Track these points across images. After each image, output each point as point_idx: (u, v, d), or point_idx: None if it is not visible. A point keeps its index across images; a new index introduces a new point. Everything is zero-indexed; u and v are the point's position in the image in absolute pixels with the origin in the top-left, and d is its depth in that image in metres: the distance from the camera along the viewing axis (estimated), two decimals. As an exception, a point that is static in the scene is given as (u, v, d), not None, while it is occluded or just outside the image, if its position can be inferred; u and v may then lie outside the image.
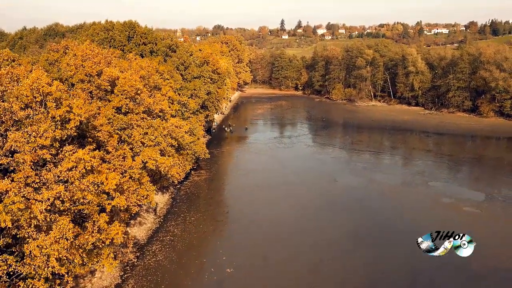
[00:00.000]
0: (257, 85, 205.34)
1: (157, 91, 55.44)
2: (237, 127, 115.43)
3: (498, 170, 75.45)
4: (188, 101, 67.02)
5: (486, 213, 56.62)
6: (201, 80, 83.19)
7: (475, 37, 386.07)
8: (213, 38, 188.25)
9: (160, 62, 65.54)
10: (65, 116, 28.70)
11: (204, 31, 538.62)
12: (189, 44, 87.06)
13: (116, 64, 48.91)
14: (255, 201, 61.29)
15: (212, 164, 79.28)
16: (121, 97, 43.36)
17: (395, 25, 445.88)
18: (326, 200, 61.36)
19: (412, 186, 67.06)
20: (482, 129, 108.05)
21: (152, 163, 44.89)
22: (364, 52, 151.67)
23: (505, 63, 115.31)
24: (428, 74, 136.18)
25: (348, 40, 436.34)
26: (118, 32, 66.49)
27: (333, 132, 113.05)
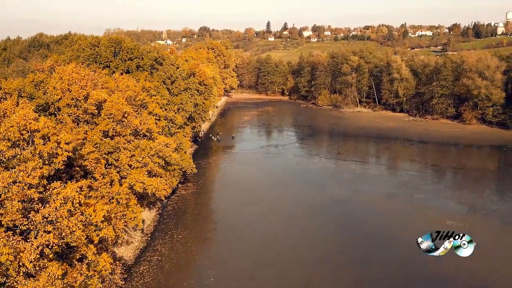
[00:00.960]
0: (244, 90, 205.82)
1: (144, 109, 55.59)
2: (224, 135, 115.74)
3: (479, 182, 76.93)
4: (175, 117, 67.17)
5: (468, 227, 57.68)
6: (188, 92, 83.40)
7: (458, 40, 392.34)
8: (200, 44, 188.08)
9: (146, 77, 65.57)
10: (52, 152, 28.80)
11: (190, 33, 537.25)
12: (176, 56, 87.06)
13: (103, 85, 48.90)
14: (242, 217, 61.70)
15: (199, 176, 79.37)
16: (108, 121, 43.43)
17: (380, 27, 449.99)
18: (313, 214, 62.01)
19: (397, 198, 68.08)
20: (465, 137, 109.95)
21: (140, 186, 45.07)
22: (350, 58, 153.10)
23: (487, 71, 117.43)
24: (412, 81, 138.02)
25: (334, 42, 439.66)
26: (104, 48, 66.32)
27: (319, 141, 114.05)
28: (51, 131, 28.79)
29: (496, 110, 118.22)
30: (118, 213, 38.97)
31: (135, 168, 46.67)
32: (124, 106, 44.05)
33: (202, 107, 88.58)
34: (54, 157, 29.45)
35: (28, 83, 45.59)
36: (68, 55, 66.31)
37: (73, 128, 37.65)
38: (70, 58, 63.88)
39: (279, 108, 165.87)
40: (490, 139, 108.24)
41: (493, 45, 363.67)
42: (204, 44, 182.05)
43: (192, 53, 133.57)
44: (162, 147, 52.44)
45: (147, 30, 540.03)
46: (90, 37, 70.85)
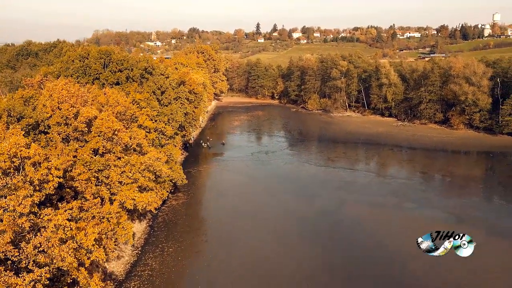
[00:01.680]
0: (234, 93, 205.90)
1: (134, 122, 55.63)
2: (214, 142, 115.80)
3: (467, 190, 78.09)
4: (165, 128, 67.23)
5: (456, 237, 58.59)
6: (178, 101, 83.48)
7: (446, 42, 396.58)
8: (189, 48, 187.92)
9: (136, 89, 65.54)
10: (43, 178, 28.86)
11: (179, 34, 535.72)
12: (166, 65, 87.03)
13: (93, 100, 48.87)
14: (232, 229, 61.96)
15: (189, 186, 79.33)
16: (98, 139, 43.45)
17: (369, 29, 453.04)
18: (303, 228, 62.39)
19: (385, 209, 68.76)
20: (452, 143, 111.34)
21: (130, 203, 45.15)
22: (339, 63, 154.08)
23: (474, 77, 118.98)
24: (401, 86, 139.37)
25: (323, 44, 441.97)
26: (93, 60, 66.14)
27: (309, 147, 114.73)
28: (42, 158, 28.82)
29: (483, 115, 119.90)
30: (109, 232, 39.01)
31: (125, 184, 46.72)
32: (115, 123, 44.10)
33: (193, 115, 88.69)
34: (45, 183, 29.46)
35: (17, 100, 45.41)
36: (57, 66, 66.02)
37: (63, 149, 37.56)
38: (59, 70, 63.62)
39: (269, 112, 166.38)
40: (477, 144, 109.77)
41: (480, 47, 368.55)
42: (194, 48, 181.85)
43: (182, 59, 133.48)
44: (153, 161, 52.50)
45: (136, 31, 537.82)
46: (80, 48, 70.55)
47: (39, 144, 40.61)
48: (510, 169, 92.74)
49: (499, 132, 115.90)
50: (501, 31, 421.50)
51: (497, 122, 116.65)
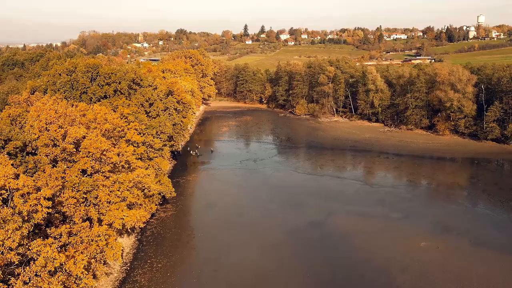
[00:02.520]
0: (222, 97, 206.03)
1: (122, 138, 55.61)
2: (202, 149, 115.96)
3: (452, 199, 79.21)
4: (154, 141, 67.22)
5: (442, 248, 59.66)
6: (167, 112, 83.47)
7: (431, 44, 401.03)
8: (177, 52, 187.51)
9: (124, 102, 65.45)
10: (32, 209, 28.89)
11: (167, 35, 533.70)
12: (153, 75, 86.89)
13: (81, 118, 48.76)
14: (222, 243, 62.21)
15: (178, 196, 79.26)
16: (87, 159, 43.43)
17: (355, 31, 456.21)
18: (291, 241, 62.96)
19: (373, 219, 69.56)
20: (438, 149, 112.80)
21: (119, 223, 45.17)
22: (326, 68, 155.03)
23: (459, 84, 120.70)
24: (387, 92, 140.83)
25: (311, 46, 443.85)
26: (81, 74, 65.86)
27: (297, 154, 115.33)
28: (31, 189, 28.84)
29: (468, 121, 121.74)
30: (98, 255, 39.06)
31: (114, 203, 46.72)
32: (103, 143, 44.11)
33: (181, 125, 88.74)
34: (34, 213, 29.49)
35: (4, 119, 45.17)
36: (44, 80, 65.61)
37: (51, 173, 37.50)
38: (46, 84, 63.25)
39: (258, 117, 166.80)
40: (463, 151, 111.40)
41: (465, 49, 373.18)
42: (182, 53, 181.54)
43: (170, 65, 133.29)
44: (141, 178, 52.56)
45: (122, 32, 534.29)
46: (67, 62, 70.09)
47: (26, 167, 40.55)
48: (494, 176, 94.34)
49: (484, 138, 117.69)
50: (485, 33, 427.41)
51: (482, 128, 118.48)
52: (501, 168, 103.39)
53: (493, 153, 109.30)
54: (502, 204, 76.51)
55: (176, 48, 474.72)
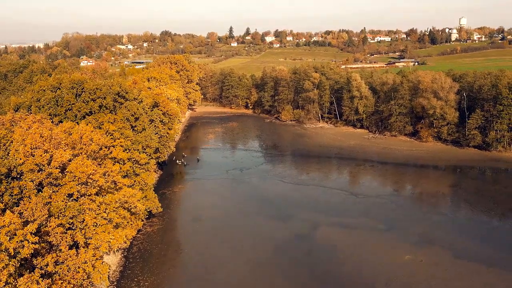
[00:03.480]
0: (208, 102, 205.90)
1: (109, 159, 55.49)
2: (189, 158, 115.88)
3: (436, 209, 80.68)
4: (140, 156, 67.11)
5: (425, 261, 60.75)
6: (152, 124, 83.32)
7: (415, 46, 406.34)
8: (162, 58, 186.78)
9: (109, 119, 65.22)
10: (19, 246, 28.83)
11: (151, 37, 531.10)
12: (139, 87, 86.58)
13: (67, 139, 48.53)
14: (208, 259, 62.60)
15: (164, 209, 79.01)
16: (72, 184, 43.29)
17: (340, 33, 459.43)
18: (278, 253, 63.70)
19: (358, 231, 70.44)
20: (422, 157, 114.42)
21: (106, 246, 45.11)
22: (311, 75, 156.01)
23: (441, 91, 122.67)
24: (372, 98, 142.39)
25: (296, 48, 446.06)
26: (66, 90, 65.36)
27: (283, 162, 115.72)
28: (18, 226, 28.79)
29: (451, 128, 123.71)
30: (85, 281, 39.01)
31: (100, 226, 46.63)
32: (89, 167, 44.00)
33: (167, 137, 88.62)
34: (21, 248, 29.43)
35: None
36: (28, 96, 65.05)
37: (37, 202, 37.31)
38: (30, 101, 62.74)
39: (244, 123, 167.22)
40: (445, 158, 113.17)
41: (448, 52, 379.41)
42: (167, 59, 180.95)
43: (155, 73, 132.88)
44: (127, 198, 52.51)
45: (106, 34, 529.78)
46: (51, 78, 69.41)
47: (11, 194, 40.30)
48: (475, 185, 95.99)
49: (466, 145, 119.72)
50: (467, 36, 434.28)
51: (464, 135, 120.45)
52: (482, 175, 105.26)
53: (475, 160, 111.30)
54: (483, 214, 78.15)
55: (161, 51, 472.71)
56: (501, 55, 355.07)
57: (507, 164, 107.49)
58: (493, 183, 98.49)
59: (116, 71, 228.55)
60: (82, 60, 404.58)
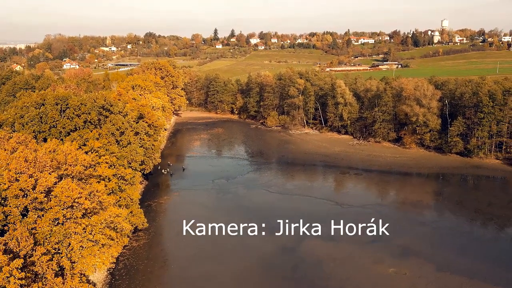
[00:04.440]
0: (193, 107, 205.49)
1: (94, 178, 55.32)
2: (174, 166, 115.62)
3: (419, 219, 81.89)
4: (125, 172, 66.92)
5: (409, 275, 61.90)
6: (138, 137, 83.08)
7: (398, 48, 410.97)
8: (146, 63, 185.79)
9: (94, 135, 64.93)
10: (5, 282, 28.75)
11: (135, 39, 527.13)
12: (124, 100, 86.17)
13: (51, 163, 48.27)
14: (194, 275, 62.72)
15: (150, 222, 78.57)
16: (58, 209, 43.13)
17: (324, 35, 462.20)
18: (265, 268, 64.26)
19: (343, 244, 71.18)
20: (405, 164, 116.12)
21: (92, 270, 45.03)
22: (296, 81, 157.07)
23: (424, 99, 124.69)
24: (356, 105, 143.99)
25: (281, 50, 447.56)
26: (50, 107, 64.81)
27: (269, 171, 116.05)
28: (4, 263, 28.70)
29: (433, 135, 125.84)
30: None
31: (86, 248, 46.50)
32: (74, 191, 43.86)
33: (152, 149, 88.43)
34: (7, 283, 29.35)
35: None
36: (11, 113, 64.37)
37: (23, 232, 37.12)
38: (14, 118, 62.14)
39: (229, 129, 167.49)
40: (428, 165, 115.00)
41: (430, 54, 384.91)
42: (151, 64, 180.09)
43: (140, 80, 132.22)
44: (113, 218, 52.42)
45: (89, 36, 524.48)
46: (35, 94, 68.71)
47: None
48: (457, 192, 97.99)
49: (448, 151, 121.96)
50: (449, 38, 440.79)
51: (446, 141, 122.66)
52: (464, 183, 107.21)
53: (457, 167, 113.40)
54: (465, 224, 79.99)
55: (145, 53, 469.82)
56: (482, 57, 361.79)
57: (487, 171, 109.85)
58: (474, 190, 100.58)
59: (101, 75, 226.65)
60: (65, 62, 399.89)
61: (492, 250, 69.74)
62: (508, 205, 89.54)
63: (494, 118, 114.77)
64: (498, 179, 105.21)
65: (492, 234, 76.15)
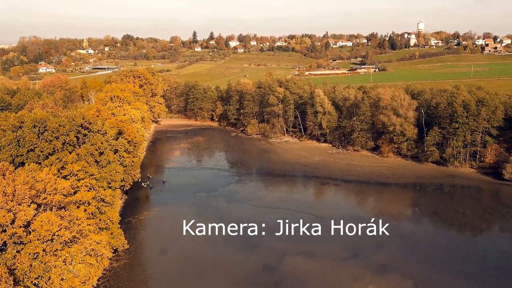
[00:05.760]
0: (173, 114, 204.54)
1: (73, 204, 54.96)
2: (154, 179, 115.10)
3: (397, 232, 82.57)
4: (105, 193, 66.51)
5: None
6: (117, 155, 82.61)
7: (375, 51, 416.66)
8: (125, 71, 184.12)
9: (73, 157, 64.39)
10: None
11: (113, 41, 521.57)
12: (103, 116, 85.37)
13: (30, 193, 47.81)
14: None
15: (131, 241, 78.03)
16: (37, 243, 42.81)
17: (303, 38, 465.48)
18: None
19: (323, 261, 72.22)
20: (383, 173, 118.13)
21: (73, 303, 44.82)
22: (276, 90, 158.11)
23: (401, 109, 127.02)
24: (335, 114, 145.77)
25: (260, 53, 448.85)
26: (27, 130, 63.89)
27: (250, 182, 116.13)
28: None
29: (410, 144, 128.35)
30: None
31: (67, 280, 46.26)
32: (54, 225, 43.59)
33: (132, 166, 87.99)
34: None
35: None
36: (-14, 136, 63.26)
37: (2, 274, 36.77)
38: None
39: (210, 138, 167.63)
40: (405, 175, 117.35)
41: (407, 57, 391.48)
42: (130, 73, 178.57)
43: (118, 91, 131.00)
44: (94, 246, 52.21)
45: (66, 38, 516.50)
46: (12, 117, 67.54)
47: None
48: (434, 203, 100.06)
49: (425, 160, 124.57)
50: (425, 41, 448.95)
51: (423, 150, 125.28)
52: (440, 193, 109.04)
53: (433, 177, 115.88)
54: (441, 236, 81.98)
55: (123, 55, 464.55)
56: (457, 60, 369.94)
57: (462, 180, 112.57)
58: (450, 200, 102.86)
59: (78, 81, 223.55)
60: (41, 66, 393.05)
61: (467, 264, 71.60)
62: (482, 216, 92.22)
63: (468, 128, 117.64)
64: (472, 189, 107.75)
65: (467, 247, 77.99)
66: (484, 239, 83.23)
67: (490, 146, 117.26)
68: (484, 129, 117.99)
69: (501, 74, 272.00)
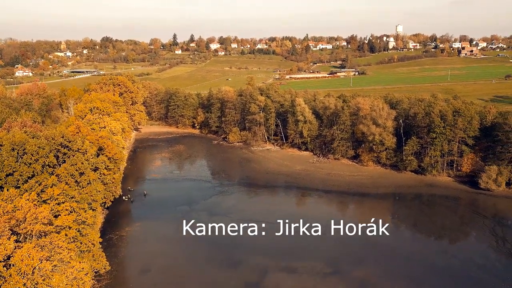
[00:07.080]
0: (153, 121, 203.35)
1: (54, 229, 54.58)
2: (135, 191, 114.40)
3: (376, 247, 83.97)
4: (86, 217, 66.06)
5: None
6: (98, 172, 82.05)
7: (355, 55, 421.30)
8: (104, 79, 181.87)
9: (53, 181, 63.84)
10: None
11: (91, 43, 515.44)
12: (83, 133, 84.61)
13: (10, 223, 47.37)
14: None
15: (112, 259, 77.11)
16: (18, 278, 42.47)
17: (284, 41, 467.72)
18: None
19: (305, 276, 73.42)
20: (363, 183, 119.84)
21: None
22: (257, 98, 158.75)
23: (380, 119, 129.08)
24: (315, 123, 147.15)
25: (241, 56, 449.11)
26: (6, 154, 63.01)
27: (231, 195, 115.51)
28: None
29: (389, 153, 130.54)
30: None
31: (48, 313, 45.97)
32: (35, 259, 43.29)
33: (113, 183, 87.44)
34: None
35: None
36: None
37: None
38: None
39: (191, 146, 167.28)
40: (385, 184, 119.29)
41: (386, 61, 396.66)
42: (110, 81, 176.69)
43: (98, 102, 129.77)
44: (77, 274, 51.96)
45: (43, 40, 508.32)
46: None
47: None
48: (412, 214, 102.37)
49: (404, 169, 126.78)
50: (403, 44, 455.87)
51: (402, 159, 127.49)
52: (419, 203, 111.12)
53: (412, 186, 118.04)
54: (420, 250, 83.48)
55: (102, 58, 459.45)
56: (435, 64, 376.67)
57: (440, 190, 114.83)
58: (428, 210, 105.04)
59: (56, 87, 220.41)
60: (17, 69, 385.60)
61: (445, 279, 73.16)
62: (459, 228, 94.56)
63: (445, 137, 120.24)
64: (450, 199, 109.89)
65: (445, 261, 79.23)
66: (461, 251, 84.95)
67: (466, 155, 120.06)
68: (461, 139, 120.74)
69: (476, 77, 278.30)
